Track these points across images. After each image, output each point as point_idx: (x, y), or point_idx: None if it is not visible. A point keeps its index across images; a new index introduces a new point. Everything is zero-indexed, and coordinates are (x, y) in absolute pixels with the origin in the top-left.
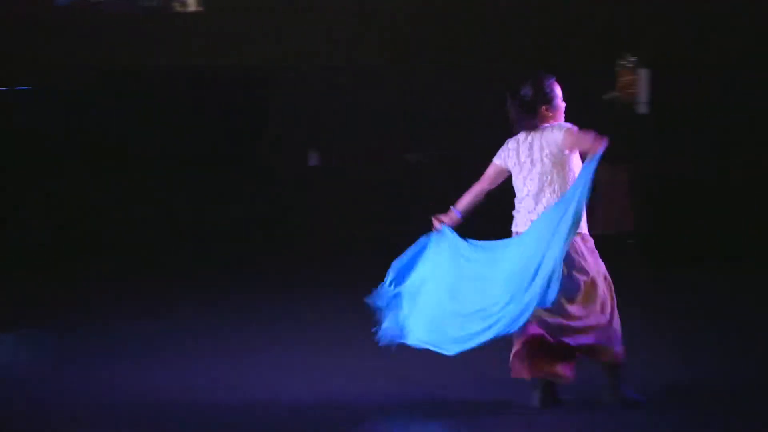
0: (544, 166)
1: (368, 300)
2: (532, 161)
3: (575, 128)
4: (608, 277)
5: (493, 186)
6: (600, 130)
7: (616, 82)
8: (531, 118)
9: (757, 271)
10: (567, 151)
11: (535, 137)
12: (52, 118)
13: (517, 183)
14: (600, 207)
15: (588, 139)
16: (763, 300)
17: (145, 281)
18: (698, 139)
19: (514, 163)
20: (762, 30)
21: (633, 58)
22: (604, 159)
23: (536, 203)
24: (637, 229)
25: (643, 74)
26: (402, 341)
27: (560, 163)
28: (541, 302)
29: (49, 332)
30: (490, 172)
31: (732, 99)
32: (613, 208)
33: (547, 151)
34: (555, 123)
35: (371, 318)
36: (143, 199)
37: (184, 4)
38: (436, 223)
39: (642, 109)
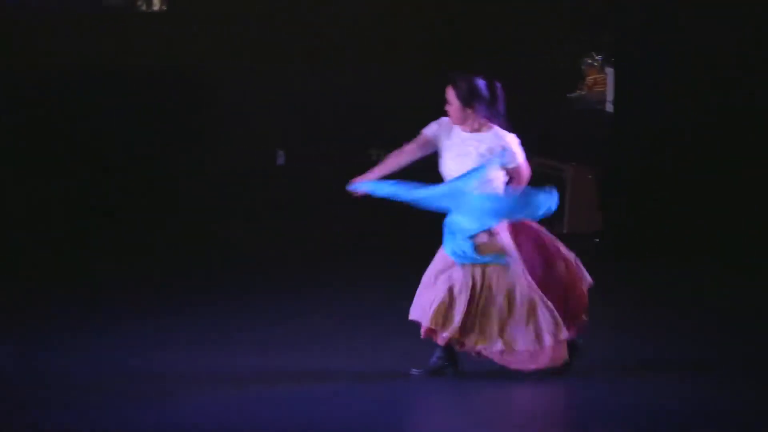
0: None
1: None
2: None
3: None
4: None
5: None
6: (566, 129)
7: (582, 81)
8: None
9: (731, 263)
10: None
11: None
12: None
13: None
14: (567, 207)
15: None
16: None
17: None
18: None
19: None
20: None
21: (599, 56)
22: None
23: None
24: (605, 228)
25: (611, 73)
26: None
27: None
28: None
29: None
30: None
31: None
32: (580, 207)
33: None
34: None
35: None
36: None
37: (149, 4)
38: None
39: (609, 107)
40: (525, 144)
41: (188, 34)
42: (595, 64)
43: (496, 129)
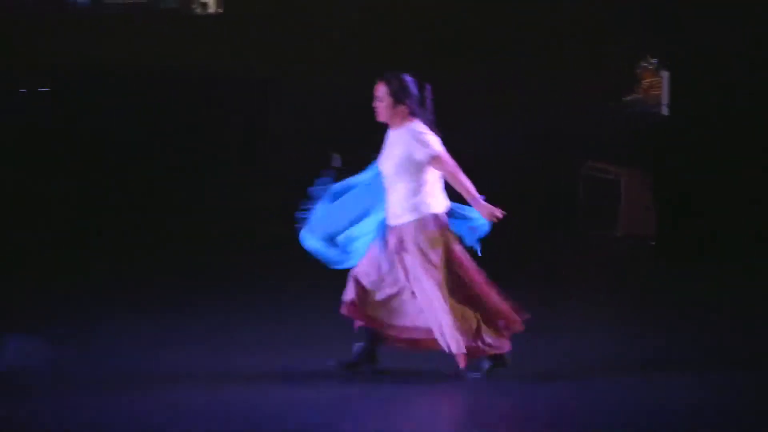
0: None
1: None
2: None
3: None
4: None
5: None
6: (622, 133)
7: (638, 84)
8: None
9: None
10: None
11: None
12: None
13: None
14: (621, 210)
15: None
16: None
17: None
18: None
19: None
20: None
21: (655, 60)
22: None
23: None
24: (658, 230)
25: (666, 76)
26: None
27: None
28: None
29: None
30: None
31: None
32: (634, 210)
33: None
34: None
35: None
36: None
37: (204, 6)
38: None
39: (665, 111)
40: (582, 146)
41: (244, 36)
42: (651, 67)
43: (413, 124)
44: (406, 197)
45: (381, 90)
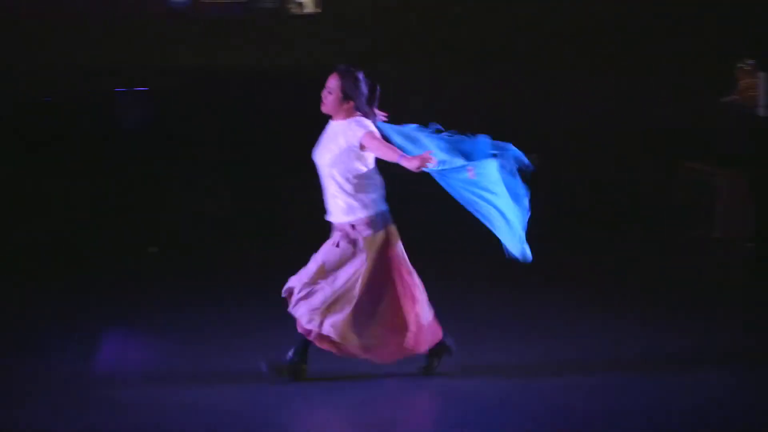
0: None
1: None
2: None
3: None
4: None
5: None
6: (719, 134)
7: (735, 85)
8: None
9: None
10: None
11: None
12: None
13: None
14: (719, 211)
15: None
16: None
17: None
18: None
19: None
20: None
21: (752, 61)
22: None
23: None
24: (757, 233)
25: (763, 77)
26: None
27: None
28: None
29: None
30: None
31: None
32: (732, 212)
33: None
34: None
35: None
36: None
37: (301, 6)
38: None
39: (762, 112)
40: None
41: (341, 36)
42: (748, 68)
43: (353, 118)
44: (348, 193)
45: (333, 82)
